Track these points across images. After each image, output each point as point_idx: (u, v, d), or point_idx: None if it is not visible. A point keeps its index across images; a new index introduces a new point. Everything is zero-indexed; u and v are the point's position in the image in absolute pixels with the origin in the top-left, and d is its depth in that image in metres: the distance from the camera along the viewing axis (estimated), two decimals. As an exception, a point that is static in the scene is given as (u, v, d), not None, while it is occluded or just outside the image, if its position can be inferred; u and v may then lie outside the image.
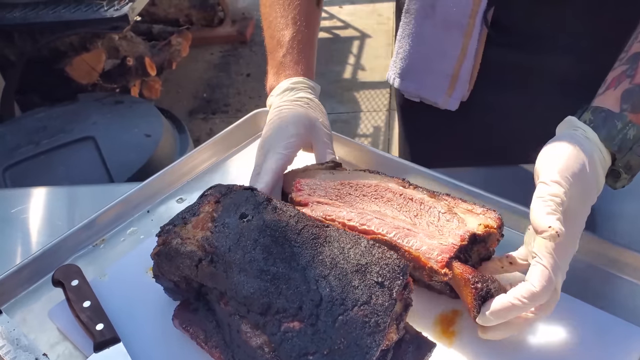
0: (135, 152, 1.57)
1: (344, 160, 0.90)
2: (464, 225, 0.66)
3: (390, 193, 0.72)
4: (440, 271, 0.61)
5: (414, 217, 0.68)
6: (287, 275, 0.55)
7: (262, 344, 0.54)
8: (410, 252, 0.64)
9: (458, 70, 0.90)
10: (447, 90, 0.93)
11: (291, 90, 0.85)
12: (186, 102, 3.11)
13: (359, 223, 0.67)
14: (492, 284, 0.60)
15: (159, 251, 0.64)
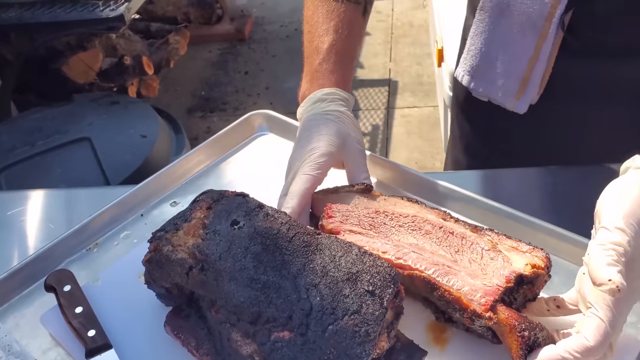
0: (131, 153, 1.57)
1: (377, 181, 0.87)
2: (509, 264, 0.62)
3: (429, 225, 0.67)
4: (484, 315, 0.57)
5: (455, 253, 0.64)
6: (277, 284, 0.55)
7: (252, 353, 0.54)
8: (450, 292, 0.60)
9: (529, 73, 0.88)
10: (517, 93, 0.90)
11: (322, 102, 0.81)
12: (184, 100, 3.11)
13: (394, 256, 0.63)
14: (540, 332, 0.56)
15: (150, 258, 0.64)
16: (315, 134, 0.77)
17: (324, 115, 0.79)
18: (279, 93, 3.13)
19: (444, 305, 0.61)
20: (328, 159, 0.74)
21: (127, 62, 2.10)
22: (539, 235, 0.73)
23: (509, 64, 0.89)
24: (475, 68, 0.94)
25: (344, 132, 0.78)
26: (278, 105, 2.99)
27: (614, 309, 0.51)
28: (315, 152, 0.74)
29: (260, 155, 0.95)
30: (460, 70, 0.98)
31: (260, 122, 1.00)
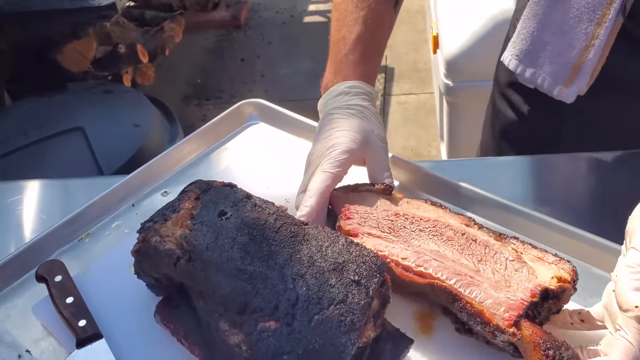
0: (125, 142, 1.56)
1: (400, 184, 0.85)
2: (534, 277, 0.59)
3: (451, 231, 0.65)
4: (507, 330, 0.56)
5: (478, 263, 0.62)
6: (264, 275, 0.55)
7: (240, 343, 0.54)
8: (473, 304, 0.58)
9: (581, 61, 0.84)
10: (566, 81, 0.87)
11: (346, 95, 0.79)
12: (180, 88, 3.10)
13: (414, 264, 0.61)
14: (565, 351, 0.54)
15: (139, 249, 0.64)
16: (336, 130, 0.75)
17: (346, 110, 0.77)
18: (275, 80, 3.12)
19: (465, 317, 0.59)
20: (349, 156, 0.72)
21: (121, 51, 2.09)
22: (563, 239, 0.72)
23: (561, 51, 0.86)
24: (524, 52, 0.91)
25: (367, 128, 0.75)
26: (274, 93, 2.98)
27: None
28: (336, 149, 0.72)
29: (251, 144, 0.95)
30: (508, 55, 0.94)
31: (250, 111, 1.00)
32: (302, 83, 3.01)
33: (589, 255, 0.70)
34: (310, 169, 0.73)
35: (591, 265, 0.70)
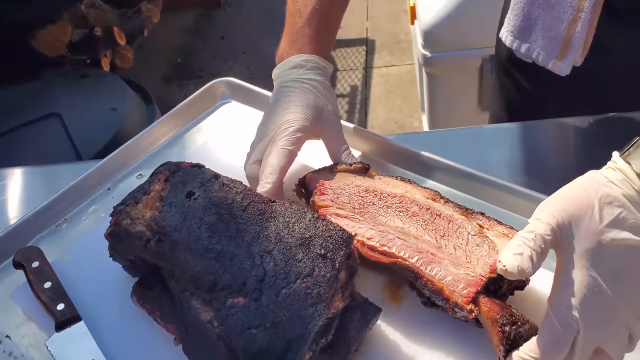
0: (102, 127, 1.56)
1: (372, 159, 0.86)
2: (494, 252, 0.60)
3: (416, 206, 0.66)
4: (465, 307, 0.57)
5: (440, 238, 0.63)
6: (232, 252, 0.56)
7: (212, 319, 0.55)
8: (433, 282, 0.59)
9: (571, 34, 0.85)
10: (558, 55, 0.88)
11: (300, 68, 0.81)
12: (160, 69, 3.08)
13: (379, 243, 0.63)
14: (522, 326, 0.55)
15: (111, 232, 0.65)
16: (292, 104, 0.76)
17: (301, 84, 0.79)
18: (256, 57, 3.10)
19: (428, 293, 0.61)
20: (303, 134, 0.74)
21: (97, 34, 2.07)
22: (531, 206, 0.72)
23: (550, 25, 0.87)
24: (518, 28, 0.93)
25: (321, 104, 0.77)
26: (255, 70, 2.97)
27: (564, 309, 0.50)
28: (291, 126, 0.74)
29: (223, 123, 0.96)
30: (504, 31, 0.96)
31: (222, 90, 1.00)
32: (284, 59, 2.99)
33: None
34: (264, 141, 0.75)
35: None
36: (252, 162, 0.75)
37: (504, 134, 0.94)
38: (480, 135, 0.95)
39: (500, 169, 0.85)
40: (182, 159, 0.89)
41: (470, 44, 1.80)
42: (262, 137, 0.76)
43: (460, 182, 0.79)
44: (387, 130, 2.58)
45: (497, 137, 0.93)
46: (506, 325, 0.54)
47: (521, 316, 0.56)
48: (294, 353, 0.51)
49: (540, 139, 0.91)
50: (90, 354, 0.65)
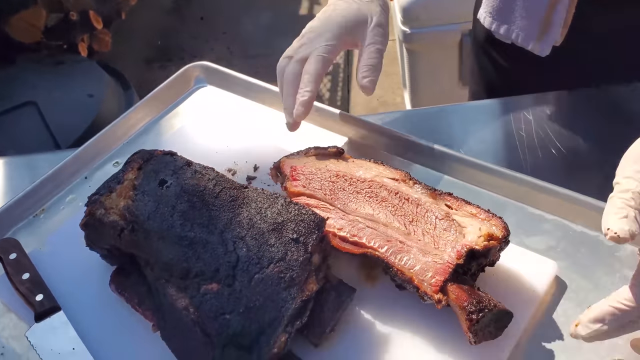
0: (79, 114, 1.54)
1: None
2: (462, 236, 0.61)
3: (385, 191, 0.67)
4: (434, 297, 0.57)
5: (409, 224, 0.63)
6: (204, 240, 0.57)
7: (187, 306, 0.56)
8: (403, 271, 0.60)
9: (550, 13, 0.85)
10: (538, 35, 0.88)
11: None
12: (141, 51, 3.04)
13: (349, 233, 0.63)
14: (490, 311, 0.56)
15: (86, 222, 0.65)
16: (335, 13, 0.80)
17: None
18: (236, 37, 3.07)
19: (399, 281, 0.61)
20: (338, 43, 0.78)
21: (73, 18, 2.03)
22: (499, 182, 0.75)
23: (530, 5, 0.87)
24: (496, 9, 0.92)
25: (364, 15, 0.79)
26: (236, 49, 2.94)
27: None
28: (328, 35, 0.78)
29: (199, 108, 0.96)
30: (482, 12, 0.96)
31: (197, 74, 0.99)
32: (264, 37, 2.97)
33: (524, 196, 0.73)
34: (304, 41, 0.79)
35: (526, 205, 0.73)
36: (286, 57, 0.79)
37: (484, 111, 0.94)
38: (462, 112, 0.95)
39: (481, 145, 0.85)
40: (158, 145, 0.90)
41: (449, 19, 1.80)
42: (302, 42, 0.79)
43: (433, 161, 0.80)
44: (369, 107, 2.58)
45: (478, 114, 0.93)
46: (473, 313, 0.55)
47: (489, 301, 0.57)
48: (268, 336, 0.52)
49: (520, 114, 0.91)
50: (70, 343, 0.66)
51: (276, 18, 3.09)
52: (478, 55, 1.09)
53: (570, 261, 0.67)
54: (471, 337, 0.56)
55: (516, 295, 0.63)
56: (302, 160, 0.74)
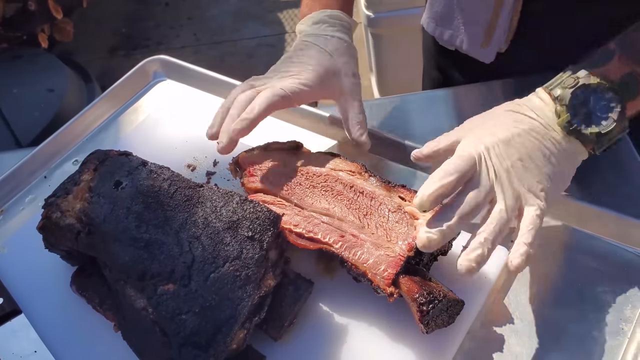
0: (40, 109, 1.50)
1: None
2: (413, 228, 0.62)
3: (340, 185, 0.67)
4: (386, 290, 0.59)
5: (364, 217, 0.64)
6: (160, 241, 0.57)
7: (146, 306, 0.57)
8: (357, 266, 0.61)
9: (495, 20, 0.84)
10: (483, 42, 0.87)
11: (324, 24, 0.79)
12: (105, 40, 2.99)
13: (305, 229, 0.64)
14: (440, 302, 0.57)
15: (43, 225, 0.65)
16: (304, 60, 0.76)
17: (321, 40, 0.77)
18: (202, 23, 3.04)
19: (354, 275, 0.62)
20: (308, 90, 0.73)
21: (31, 8, 1.99)
22: None
23: (474, 11, 0.86)
24: (439, 15, 0.91)
25: (336, 67, 0.76)
26: (203, 36, 2.91)
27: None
28: (298, 79, 0.73)
29: (158, 102, 0.95)
30: (426, 17, 0.94)
31: (155, 68, 0.99)
32: (230, 23, 2.95)
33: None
34: (265, 82, 0.74)
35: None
36: (247, 82, 0.74)
37: (447, 98, 0.94)
38: (428, 100, 0.95)
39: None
40: (117, 142, 0.89)
41: (412, 2, 1.80)
42: (264, 79, 0.75)
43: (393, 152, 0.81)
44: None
45: (442, 102, 0.93)
46: (424, 304, 0.57)
47: (439, 291, 0.58)
48: (224, 335, 0.53)
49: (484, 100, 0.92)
50: (32, 345, 0.66)
51: (242, 4, 3.06)
52: (429, 61, 1.08)
53: (521, 247, 0.69)
54: (423, 328, 0.58)
55: (469, 282, 0.65)
56: (261, 155, 0.74)
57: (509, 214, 0.57)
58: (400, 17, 1.84)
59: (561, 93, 0.61)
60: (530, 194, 0.58)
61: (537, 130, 0.61)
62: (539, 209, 0.57)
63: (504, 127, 0.61)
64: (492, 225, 0.56)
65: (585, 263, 0.67)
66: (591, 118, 0.60)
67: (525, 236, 0.56)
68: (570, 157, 0.61)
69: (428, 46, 1.06)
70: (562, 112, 0.60)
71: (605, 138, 0.60)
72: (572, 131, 0.60)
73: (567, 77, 0.62)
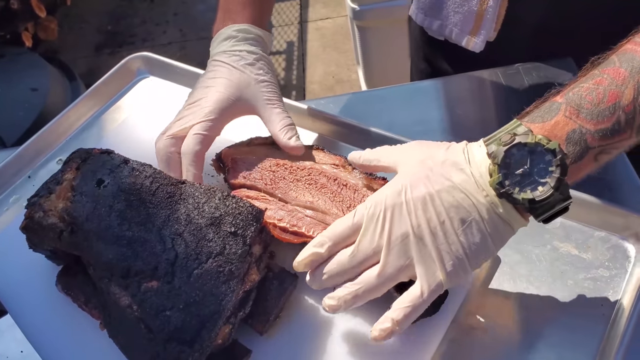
0: (23, 109, 1.49)
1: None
2: None
3: (324, 178, 0.68)
4: None
5: (347, 210, 0.65)
6: (142, 238, 0.57)
7: (130, 304, 0.57)
8: None
9: (483, 7, 0.83)
10: (472, 30, 0.87)
11: (232, 39, 0.76)
12: (90, 38, 2.97)
13: (289, 224, 0.64)
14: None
15: (25, 225, 0.65)
16: (213, 83, 0.73)
17: (229, 57, 0.75)
18: (188, 18, 3.03)
19: None
20: (220, 116, 0.71)
21: (14, 7, 1.97)
22: None
23: (462, 0, 0.86)
24: (428, 5, 0.91)
25: (246, 80, 0.73)
26: (189, 32, 2.90)
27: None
28: (207, 107, 0.71)
29: (142, 100, 0.95)
30: (414, 8, 0.94)
31: (138, 65, 0.98)
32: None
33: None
34: (181, 121, 0.72)
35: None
36: (165, 136, 0.72)
37: (434, 89, 0.94)
38: (415, 91, 0.95)
39: (434, 125, 0.87)
40: (101, 140, 0.89)
41: (397, -5, 1.81)
42: (180, 116, 0.74)
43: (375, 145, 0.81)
44: (325, 85, 2.58)
45: (429, 92, 0.93)
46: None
47: None
48: (209, 330, 0.54)
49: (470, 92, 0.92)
50: (18, 346, 0.66)
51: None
52: (417, 52, 1.08)
53: (504, 236, 0.70)
54: None
55: (453, 272, 0.65)
56: (244, 150, 0.75)
57: (381, 281, 0.55)
58: (386, 9, 1.84)
59: (495, 150, 0.53)
60: (426, 266, 0.54)
61: (465, 189, 0.54)
62: (427, 288, 0.54)
63: (432, 178, 0.55)
64: (357, 287, 0.56)
65: (566, 250, 0.68)
66: (527, 181, 0.53)
67: (397, 312, 0.54)
68: (500, 227, 0.54)
69: (415, 37, 1.07)
70: (493, 171, 0.53)
71: (540, 206, 0.53)
72: (503, 194, 0.53)
73: (505, 133, 0.54)
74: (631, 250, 0.68)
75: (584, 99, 0.54)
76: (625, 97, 0.53)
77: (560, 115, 0.54)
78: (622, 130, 0.53)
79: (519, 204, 0.53)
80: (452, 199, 0.54)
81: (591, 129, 0.53)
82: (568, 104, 0.55)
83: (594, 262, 0.67)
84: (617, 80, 0.54)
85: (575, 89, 0.55)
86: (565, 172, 0.52)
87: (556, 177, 0.52)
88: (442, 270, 0.54)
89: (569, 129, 0.54)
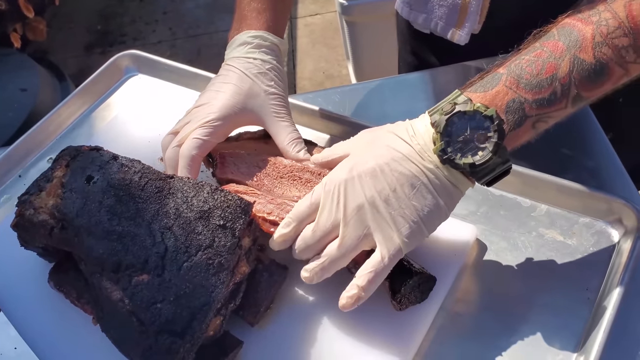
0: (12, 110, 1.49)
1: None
2: None
3: (308, 173, 0.68)
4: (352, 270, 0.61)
5: None
6: (132, 233, 0.58)
7: (122, 297, 0.58)
8: None
9: (467, 0, 0.84)
10: (457, 23, 0.87)
11: (247, 46, 0.75)
12: (80, 37, 2.96)
13: (278, 217, 0.64)
14: (411, 281, 0.60)
15: (17, 223, 0.65)
16: (222, 88, 0.73)
17: (243, 64, 0.74)
18: (178, 17, 3.02)
19: None
20: (225, 122, 0.71)
21: (1, 8, 1.96)
22: None
23: None
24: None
25: (256, 90, 0.73)
26: (179, 30, 2.89)
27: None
28: (212, 114, 0.71)
29: (131, 97, 0.95)
30: (400, 2, 0.94)
31: (127, 63, 0.99)
32: (206, 16, 2.94)
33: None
34: (188, 122, 0.72)
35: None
36: (169, 132, 0.74)
37: (421, 81, 0.94)
38: (403, 83, 0.95)
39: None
40: (91, 138, 0.90)
41: (386, -11, 1.81)
42: (186, 116, 0.74)
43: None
44: (315, 81, 2.59)
45: (417, 84, 0.94)
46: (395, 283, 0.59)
47: (410, 268, 0.60)
48: (199, 321, 0.54)
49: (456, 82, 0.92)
50: (12, 343, 0.67)
51: (215, -6, 3.05)
52: (405, 47, 1.08)
53: (490, 224, 0.71)
54: (396, 305, 0.60)
55: (440, 260, 0.66)
56: (232, 145, 0.75)
57: (342, 252, 0.58)
58: (374, 3, 1.84)
59: (438, 119, 0.56)
60: (383, 233, 0.56)
61: (411, 158, 0.57)
62: (386, 253, 0.56)
63: (378, 153, 0.59)
64: (322, 260, 0.59)
65: (552, 237, 0.69)
66: (468, 147, 0.56)
67: (362, 279, 0.57)
68: (448, 188, 0.57)
69: (402, 31, 1.07)
70: (436, 140, 0.56)
71: (480, 170, 0.56)
72: (446, 160, 0.56)
73: (446, 103, 0.57)
74: (615, 236, 0.69)
75: (524, 70, 0.57)
76: (562, 69, 0.56)
77: (500, 85, 0.57)
78: (558, 100, 0.57)
79: (461, 168, 0.56)
80: (400, 167, 0.57)
81: (529, 99, 0.57)
82: (509, 75, 0.58)
83: (579, 247, 0.68)
84: (556, 53, 0.57)
85: (516, 61, 0.58)
86: (503, 136, 0.55)
87: (494, 142, 0.55)
88: (399, 234, 0.56)
89: (508, 98, 0.57)
